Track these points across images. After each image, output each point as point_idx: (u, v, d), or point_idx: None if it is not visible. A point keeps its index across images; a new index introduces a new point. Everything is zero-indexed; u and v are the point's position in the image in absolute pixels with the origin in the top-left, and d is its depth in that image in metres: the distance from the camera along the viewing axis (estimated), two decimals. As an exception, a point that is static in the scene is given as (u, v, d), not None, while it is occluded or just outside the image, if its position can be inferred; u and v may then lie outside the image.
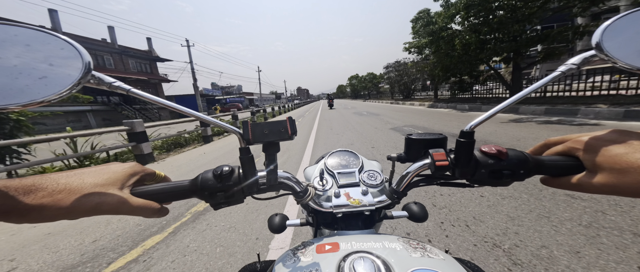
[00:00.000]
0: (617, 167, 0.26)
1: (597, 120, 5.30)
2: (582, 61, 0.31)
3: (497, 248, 1.44)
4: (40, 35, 0.29)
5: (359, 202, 0.45)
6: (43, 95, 0.26)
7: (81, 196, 0.28)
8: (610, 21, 0.30)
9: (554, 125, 5.13)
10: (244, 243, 1.76)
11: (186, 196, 0.37)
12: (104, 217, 2.37)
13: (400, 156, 0.46)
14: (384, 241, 0.35)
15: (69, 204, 0.27)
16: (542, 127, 4.97)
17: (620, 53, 0.28)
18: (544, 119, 6.04)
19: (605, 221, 1.60)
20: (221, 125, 0.39)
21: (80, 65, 0.29)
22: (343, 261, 0.30)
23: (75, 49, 0.29)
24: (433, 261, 0.31)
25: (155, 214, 0.35)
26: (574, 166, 0.33)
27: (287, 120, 0.37)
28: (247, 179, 0.38)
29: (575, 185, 0.31)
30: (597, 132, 0.31)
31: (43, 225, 2.32)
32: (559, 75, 0.32)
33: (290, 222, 0.53)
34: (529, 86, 0.34)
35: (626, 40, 0.28)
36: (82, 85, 0.29)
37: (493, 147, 0.36)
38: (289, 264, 0.34)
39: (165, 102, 0.35)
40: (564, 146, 0.34)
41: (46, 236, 2.12)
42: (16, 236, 2.17)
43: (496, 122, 5.90)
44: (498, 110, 0.34)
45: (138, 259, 1.68)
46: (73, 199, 0.28)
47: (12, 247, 2.00)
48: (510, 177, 0.35)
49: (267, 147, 0.37)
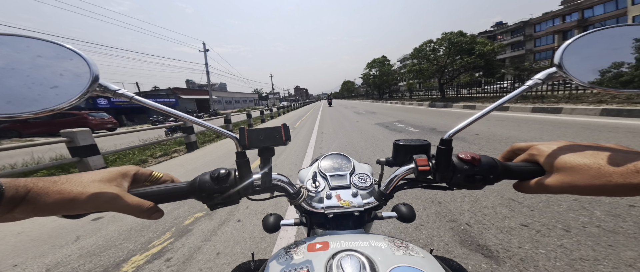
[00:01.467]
0: (568, 167, 0.31)
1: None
2: (546, 77, 0.35)
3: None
4: (51, 46, 0.30)
5: (349, 203, 0.48)
6: (54, 104, 0.27)
7: (77, 190, 0.28)
8: (570, 41, 0.34)
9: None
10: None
11: (184, 197, 0.38)
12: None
13: (388, 160, 0.50)
14: (370, 240, 0.37)
15: (65, 196, 0.28)
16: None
17: (577, 71, 0.32)
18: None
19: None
20: (218, 131, 0.41)
21: (88, 75, 0.30)
22: (332, 259, 0.32)
23: (83, 59, 0.31)
24: (414, 258, 0.33)
25: (149, 214, 0.34)
26: (536, 170, 0.36)
27: (282, 127, 0.39)
28: (243, 182, 0.39)
29: (538, 187, 0.35)
30: (552, 142, 0.36)
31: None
32: (526, 88, 0.36)
33: (284, 222, 0.54)
34: (501, 99, 0.37)
35: (582, 59, 0.32)
36: (90, 94, 0.30)
37: (468, 154, 0.39)
38: (282, 262, 0.35)
39: (166, 109, 0.37)
40: (527, 154, 0.38)
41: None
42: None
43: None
44: (474, 120, 0.37)
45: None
46: (69, 191, 0.28)
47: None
48: (482, 182, 0.38)
49: (262, 152, 0.39)
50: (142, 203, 0.33)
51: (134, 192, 0.35)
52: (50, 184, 0.27)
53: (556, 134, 4.51)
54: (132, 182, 0.36)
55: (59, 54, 0.30)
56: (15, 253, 1.92)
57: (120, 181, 0.33)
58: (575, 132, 4.49)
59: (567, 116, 6.45)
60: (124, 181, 0.34)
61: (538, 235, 1.58)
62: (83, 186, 0.29)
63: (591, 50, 0.33)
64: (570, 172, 0.31)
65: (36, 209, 0.26)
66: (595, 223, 1.63)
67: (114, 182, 0.32)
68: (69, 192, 0.28)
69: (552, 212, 1.81)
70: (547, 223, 1.69)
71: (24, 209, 0.26)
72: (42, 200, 0.26)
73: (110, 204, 0.30)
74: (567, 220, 1.70)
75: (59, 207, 0.27)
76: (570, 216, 1.75)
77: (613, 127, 4.58)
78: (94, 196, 0.29)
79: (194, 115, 2.92)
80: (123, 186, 0.33)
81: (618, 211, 1.74)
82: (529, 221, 1.73)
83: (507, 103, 0.37)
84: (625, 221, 1.62)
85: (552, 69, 0.34)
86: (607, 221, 1.65)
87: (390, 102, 26.31)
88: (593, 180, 0.29)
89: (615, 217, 1.67)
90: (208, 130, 0.42)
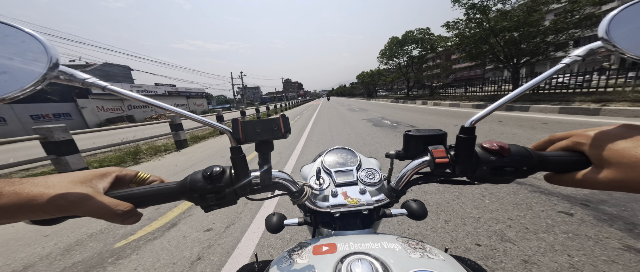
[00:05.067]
0: (625, 162, 0.26)
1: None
2: (588, 52, 0.30)
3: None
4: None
5: (357, 201, 0.45)
6: (4, 92, 0.25)
7: (37, 191, 0.26)
8: (617, 11, 0.29)
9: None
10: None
11: (173, 199, 0.35)
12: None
13: (398, 153, 0.45)
14: (382, 241, 0.35)
15: (22, 198, 0.25)
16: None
17: (628, 43, 0.27)
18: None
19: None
20: (209, 124, 0.36)
21: (45, 60, 0.27)
22: (340, 263, 0.30)
23: (39, 42, 0.28)
24: (433, 261, 0.30)
25: (123, 218, 0.30)
26: (579, 161, 0.32)
27: (280, 117, 0.35)
28: (240, 180, 0.36)
29: (581, 181, 0.30)
30: (605, 126, 0.30)
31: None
32: (563, 67, 0.31)
33: (288, 221, 0.50)
34: (529, 80, 0.33)
35: (633, 30, 0.28)
36: (49, 81, 0.28)
37: (495, 143, 0.35)
38: (284, 266, 0.33)
39: (144, 98, 0.33)
40: (569, 141, 0.33)
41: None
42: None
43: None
44: (498, 105, 0.34)
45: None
46: (28, 192, 0.25)
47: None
48: (512, 174, 0.34)
49: (260, 147, 0.36)
50: (117, 205, 0.29)
51: (112, 195, 0.32)
52: (6, 185, 0.25)
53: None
54: (114, 185, 0.33)
55: (8, 35, 0.27)
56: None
57: (95, 182, 0.31)
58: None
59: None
60: (100, 183, 0.31)
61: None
62: (47, 187, 0.27)
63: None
64: (628, 168, 0.25)
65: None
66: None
67: (87, 183, 0.30)
68: (28, 193, 0.25)
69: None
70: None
71: None
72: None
73: (77, 206, 0.27)
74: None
75: (15, 210, 0.25)
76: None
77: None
78: (58, 198, 0.26)
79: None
80: (97, 187, 0.30)
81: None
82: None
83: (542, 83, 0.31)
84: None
85: (597, 43, 0.29)
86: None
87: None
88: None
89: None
90: (201, 124, 0.37)
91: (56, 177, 0.29)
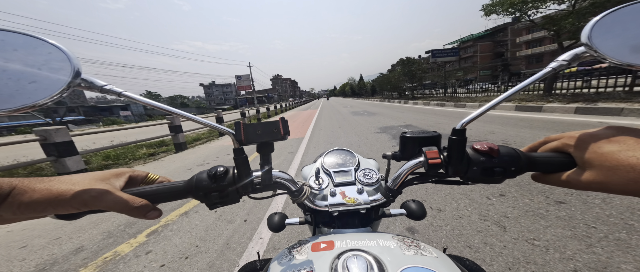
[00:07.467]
0: (607, 165, 0.26)
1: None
2: (573, 57, 0.31)
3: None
4: (27, 39, 0.29)
5: (355, 200, 0.46)
6: (34, 100, 0.26)
7: (64, 187, 0.28)
8: (599, 17, 0.31)
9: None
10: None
11: (181, 196, 0.37)
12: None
13: (395, 154, 0.46)
14: (378, 239, 0.36)
15: (52, 193, 0.27)
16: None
17: (609, 49, 0.28)
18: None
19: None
20: (213, 126, 0.37)
21: (69, 69, 0.29)
22: (337, 259, 0.31)
23: (63, 53, 0.30)
24: (426, 258, 0.31)
25: (143, 212, 0.33)
26: (565, 162, 0.32)
27: (280, 120, 0.37)
28: (242, 180, 0.38)
29: (565, 182, 0.31)
30: (592, 128, 0.31)
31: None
32: (550, 71, 0.32)
33: (289, 220, 0.52)
34: (518, 84, 0.35)
35: (614, 36, 0.29)
36: (73, 89, 0.29)
37: (485, 144, 0.36)
38: (284, 262, 0.34)
39: (157, 104, 0.35)
40: (559, 142, 0.34)
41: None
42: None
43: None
44: (489, 107, 0.34)
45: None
46: (56, 188, 0.28)
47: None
48: (501, 175, 0.35)
49: (261, 148, 0.38)
50: (133, 200, 0.32)
51: (128, 191, 0.34)
52: (38, 182, 0.27)
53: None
54: (128, 184, 0.36)
55: (37, 47, 0.29)
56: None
57: (113, 180, 0.33)
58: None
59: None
60: (116, 181, 0.34)
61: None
62: (72, 184, 0.29)
63: (627, 25, 0.29)
64: (609, 171, 0.25)
65: (22, 207, 0.26)
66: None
67: (106, 181, 0.32)
68: (56, 189, 0.28)
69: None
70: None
71: (8, 208, 0.26)
72: (28, 197, 0.26)
73: (99, 201, 0.30)
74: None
75: (45, 205, 0.27)
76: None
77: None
78: (82, 193, 0.29)
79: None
80: (115, 184, 0.33)
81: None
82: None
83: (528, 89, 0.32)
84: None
85: (581, 48, 0.30)
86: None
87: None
88: (635, 184, 0.24)
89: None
90: (204, 126, 0.38)
91: (79, 176, 0.31)
